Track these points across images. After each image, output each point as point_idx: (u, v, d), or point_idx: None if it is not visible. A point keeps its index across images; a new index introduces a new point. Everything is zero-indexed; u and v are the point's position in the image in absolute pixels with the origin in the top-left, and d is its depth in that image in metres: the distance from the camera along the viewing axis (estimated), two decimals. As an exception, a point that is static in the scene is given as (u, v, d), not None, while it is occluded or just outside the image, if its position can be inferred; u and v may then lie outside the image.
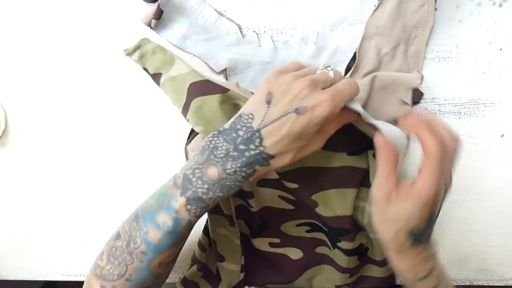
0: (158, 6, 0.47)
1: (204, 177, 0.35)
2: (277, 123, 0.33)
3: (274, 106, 0.34)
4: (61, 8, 0.50)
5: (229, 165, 0.34)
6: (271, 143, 0.34)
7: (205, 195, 0.35)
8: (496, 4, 0.46)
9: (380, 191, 0.35)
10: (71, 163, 0.55)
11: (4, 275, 0.60)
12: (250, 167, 0.34)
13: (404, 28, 0.45)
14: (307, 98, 0.33)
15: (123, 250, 0.39)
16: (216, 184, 0.35)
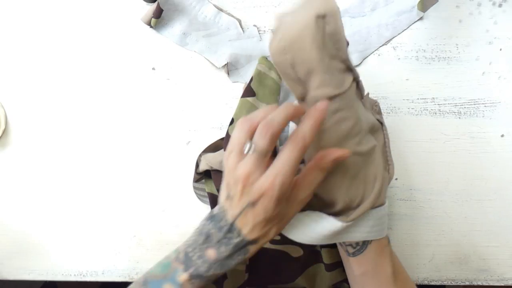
0: (158, 5, 0.47)
1: (204, 257, 0.38)
2: (242, 216, 0.36)
3: (232, 200, 0.37)
4: (61, 8, 0.50)
5: (223, 249, 0.37)
6: (247, 232, 0.37)
7: (206, 273, 0.38)
8: (496, 4, 0.46)
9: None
10: (71, 163, 0.55)
11: (4, 275, 0.60)
12: (242, 249, 0.38)
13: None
14: (252, 192, 0.35)
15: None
16: (215, 263, 0.38)
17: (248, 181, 0.35)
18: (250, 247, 0.38)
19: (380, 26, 0.48)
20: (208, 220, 0.39)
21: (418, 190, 0.52)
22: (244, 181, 0.36)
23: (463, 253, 0.53)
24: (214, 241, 0.38)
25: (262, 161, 0.35)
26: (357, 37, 0.48)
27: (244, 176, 0.35)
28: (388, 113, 0.50)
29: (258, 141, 0.35)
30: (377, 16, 0.48)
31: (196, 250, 0.39)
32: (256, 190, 0.35)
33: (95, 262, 0.58)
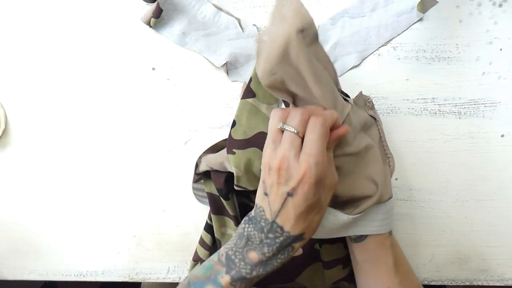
0: (158, 4, 0.47)
1: (246, 259, 0.37)
2: (284, 211, 0.35)
3: (270, 196, 0.36)
4: (60, 8, 0.50)
5: (266, 249, 0.36)
6: (291, 227, 0.35)
7: (249, 275, 0.37)
8: (496, 4, 0.46)
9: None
10: (71, 163, 0.55)
11: (4, 275, 0.60)
12: (287, 248, 0.36)
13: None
14: (290, 180, 0.34)
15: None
16: (258, 265, 0.37)
17: (283, 167, 0.34)
18: (295, 244, 0.37)
19: (380, 27, 0.48)
20: (246, 224, 0.38)
21: (418, 190, 0.52)
22: (279, 168, 0.35)
23: (463, 253, 0.53)
24: (256, 243, 0.37)
25: (295, 143, 0.35)
26: (357, 37, 0.48)
27: (279, 162, 0.34)
28: (388, 113, 0.50)
29: (290, 121, 0.35)
30: (377, 16, 0.48)
31: (237, 253, 0.38)
32: (294, 176, 0.34)
33: (95, 262, 0.58)
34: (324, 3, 0.48)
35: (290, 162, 0.34)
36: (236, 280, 0.38)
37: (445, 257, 0.54)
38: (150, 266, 0.56)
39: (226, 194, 0.46)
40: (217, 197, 0.47)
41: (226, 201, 0.46)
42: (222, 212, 0.48)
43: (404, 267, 0.43)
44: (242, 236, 0.38)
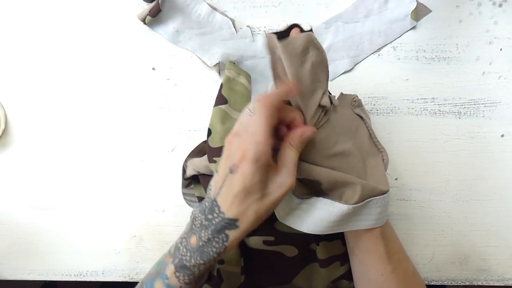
0: (157, 4, 0.47)
1: (188, 245, 0.37)
2: (224, 189, 0.35)
3: (218, 173, 0.36)
4: (59, 9, 0.50)
5: (203, 233, 0.36)
6: (226, 208, 0.35)
7: (188, 263, 0.37)
8: (496, 4, 0.46)
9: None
10: (71, 163, 0.55)
11: (4, 275, 0.60)
12: (221, 233, 0.36)
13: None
14: (233, 156, 0.34)
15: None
16: (196, 251, 0.36)
17: (231, 142, 0.35)
18: (230, 232, 0.36)
19: (373, 33, 0.48)
20: (196, 207, 0.38)
21: (418, 190, 0.52)
22: (228, 143, 0.35)
23: (463, 253, 0.53)
24: (197, 225, 0.37)
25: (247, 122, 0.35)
26: (350, 42, 0.48)
27: (229, 137, 0.35)
28: (388, 113, 0.50)
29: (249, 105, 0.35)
30: (370, 23, 0.48)
31: (183, 240, 0.38)
32: (236, 153, 0.34)
33: (95, 262, 0.58)
34: (324, 10, 0.48)
35: (237, 139, 0.35)
36: (178, 269, 0.37)
37: (445, 257, 0.54)
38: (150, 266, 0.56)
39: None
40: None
41: None
42: None
43: (398, 255, 0.43)
44: (190, 220, 0.38)
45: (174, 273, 0.38)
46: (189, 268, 0.37)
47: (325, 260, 0.48)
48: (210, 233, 0.36)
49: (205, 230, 0.36)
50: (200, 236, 0.36)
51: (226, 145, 0.35)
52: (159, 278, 0.39)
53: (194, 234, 0.37)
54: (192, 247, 0.37)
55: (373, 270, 0.42)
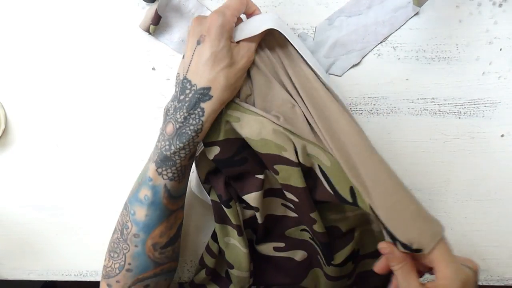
0: (156, 12, 0.47)
1: (165, 136, 0.38)
2: (193, 61, 0.37)
3: (186, 53, 0.38)
4: (61, 10, 0.50)
5: (178, 115, 0.37)
6: (197, 79, 0.37)
7: (168, 151, 0.37)
8: (496, 4, 0.47)
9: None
10: (71, 163, 0.55)
11: (4, 275, 0.60)
12: (196, 107, 0.37)
13: None
14: (200, 27, 0.37)
15: (119, 241, 0.41)
16: (174, 136, 0.37)
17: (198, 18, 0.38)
18: (204, 104, 0.37)
19: (377, 24, 0.48)
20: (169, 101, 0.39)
21: (418, 190, 0.52)
22: (195, 19, 0.38)
23: (463, 253, 0.53)
24: (171, 112, 0.38)
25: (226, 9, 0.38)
26: (355, 36, 0.48)
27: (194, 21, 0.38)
28: (388, 113, 0.50)
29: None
30: (373, 13, 0.48)
31: (160, 136, 0.39)
32: (203, 24, 0.37)
33: (95, 262, 0.58)
34: (324, 10, 0.48)
35: (204, 17, 0.37)
36: (160, 164, 0.38)
37: (445, 257, 0.54)
38: (150, 266, 0.56)
39: (227, 201, 0.45)
40: (220, 205, 0.46)
41: (227, 209, 0.45)
42: (225, 221, 0.47)
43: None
44: (163, 115, 0.39)
45: (156, 170, 0.38)
46: (170, 158, 0.38)
47: (333, 277, 0.48)
48: (186, 111, 0.37)
49: (180, 110, 0.37)
50: (176, 119, 0.37)
51: (193, 23, 0.38)
52: (142, 185, 0.39)
53: (170, 122, 0.38)
54: (169, 135, 0.38)
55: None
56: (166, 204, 0.39)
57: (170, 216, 0.40)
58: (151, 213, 0.39)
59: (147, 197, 0.38)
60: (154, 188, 0.38)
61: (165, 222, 0.40)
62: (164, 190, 0.38)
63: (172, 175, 0.38)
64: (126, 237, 0.40)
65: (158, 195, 0.38)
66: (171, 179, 0.38)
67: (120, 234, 0.41)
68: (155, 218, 0.39)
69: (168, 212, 0.40)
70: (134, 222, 0.39)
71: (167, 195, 0.39)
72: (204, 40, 0.36)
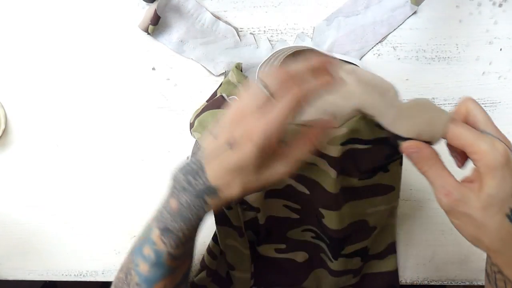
0: (155, 12, 0.47)
1: (169, 208, 0.35)
2: (217, 161, 0.33)
3: (215, 139, 0.33)
4: (61, 10, 0.50)
5: (183, 197, 0.34)
6: (211, 175, 0.33)
7: (171, 226, 0.35)
8: (496, 4, 0.46)
9: (451, 200, 0.32)
10: (71, 163, 0.55)
11: (4, 275, 0.60)
12: (200, 198, 0.34)
13: None
14: (237, 130, 0.32)
15: (123, 282, 0.40)
16: (177, 215, 0.35)
17: (240, 115, 0.32)
18: (209, 199, 0.34)
19: (375, 23, 0.48)
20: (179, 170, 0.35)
21: (418, 190, 0.52)
22: (235, 115, 0.32)
23: (463, 253, 0.53)
24: (178, 187, 0.35)
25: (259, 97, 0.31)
26: (353, 36, 0.48)
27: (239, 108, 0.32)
28: (388, 113, 0.50)
29: (267, 79, 0.32)
30: (371, 13, 0.48)
31: (165, 203, 0.36)
32: (241, 128, 0.31)
33: (95, 262, 0.58)
34: (324, 10, 0.48)
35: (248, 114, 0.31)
36: (163, 233, 0.36)
37: (445, 257, 0.54)
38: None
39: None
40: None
41: (228, 211, 0.45)
42: (226, 222, 0.47)
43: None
44: (171, 182, 0.36)
45: (159, 237, 0.36)
46: (172, 231, 0.35)
47: (338, 271, 0.48)
48: (189, 197, 0.34)
49: (184, 192, 0.34)
50: (180, 200, 0.34)
51: (229, 114, 0.32)
52: (147, 243, 0.37)
53: (174, 198, 0.35)
54: (173, 211, 0.35)
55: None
56: (170, 264, 0.38)
57: (175, 271, 0.39)
58: (154, 271, 0.37)
59: (151, 257, 0.37)
60: (157, 252, 0.37)
61: (169, 277, 0.39)
62: (167, 255, 0.37)
63: (176, 245, 0.36)
64: (129, 282, 0.39)
65: (161, 258, 0.37)
66: (174, 248, 0.36)
67: (125, 277, 0.40)
68: (158, 274, 0.38)
69: (172, 269, 0.38)
70: (137, 272, 0.38)
71: (170, 258, 0.37)
72: (236, 149, 0.32)
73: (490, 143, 0.31)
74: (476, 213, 0.31)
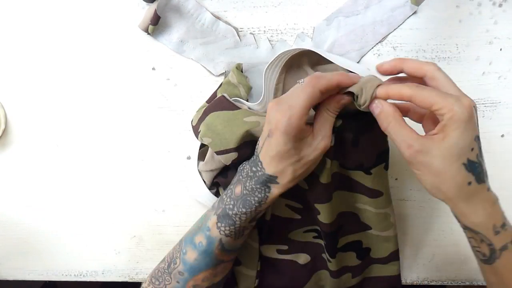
0: (155, 11, 0.47)
1: (233, 194, 0.39)
2: (264, 148, 0.38)
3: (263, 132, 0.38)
4: (61, 10, 0.50)
5: (248, 183, 0.39)
6: (266, 165, 0.38)
7: (230, 211, 0.39)
8: (496, 4, 0.47)
9: (412, 152, 0.34)
10: (71, 163, 0.55)
11: (4, 275, 0.60)
12: (263, 185, 0.38)
13: None
14: (271, 121, 0.36)
15: (164, 271, 0.42)
16: (239, 200, 0.39)
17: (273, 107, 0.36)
18: (272, 185, 0.38)
19: (375, 23, 0.48)
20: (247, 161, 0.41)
21: (418, 190, 0.52)
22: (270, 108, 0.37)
23: (463, 253, 0.53)
24: (244, 175, 0.39)
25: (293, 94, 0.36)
26: (353, 36, 0.48)
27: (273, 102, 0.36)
28: (388, 113, 0.50)
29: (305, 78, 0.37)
30: (371, 13, 0.48)
31: (229, 191, 0.40)
32: (273, 120, 0.36)
33: (95, 262, 0.58)
34: (324, 10, 0.48)
35: (276, 107, 0.36)
36: (221, 219, 0.39)
37: (445, 257, 0.54)
38: (150, 266, 0.56)
39: None
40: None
41: None
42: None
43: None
44: (238, 172, 0.41)
45: (216, 223, 0.39)
46: (231, 217, 0.39)
47: (336, 271, 0.48)
48: (254, 183, 0.38)
49: (250, 180, 0.38)
50: (245, 186, 0.39)
51: (269, 108, 0.37)
52: (200, 231, 0.41)
53: (240, 184, 0.39)
54: (236, 196, 0.39)
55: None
56: (217, 255, 0.41)
57: (218, 266, 0.42)
58: (201, 259, 0.40)
59: (201, 244, 0.40)
60: (210, 238, 0.40)
61: (212, 269, 0.41)
62: (219, 243, 0.40)
63: (230, 232, 0.40)
64: (171, 271, 0.42)
65: (212, 246, 0.40)
66: (227, 236, 0.40)
67: (167, 266, 0.42)
68: (203, 264, 0.41)
69: (217, 261, 0.41)
70: (183, 260, 0.41)
71: (220, 247, 0.40)
72: (272, 137, 0.36)
73: (456, 98, 0.33)
74: (436, 162, 0.33)
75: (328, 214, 0.44)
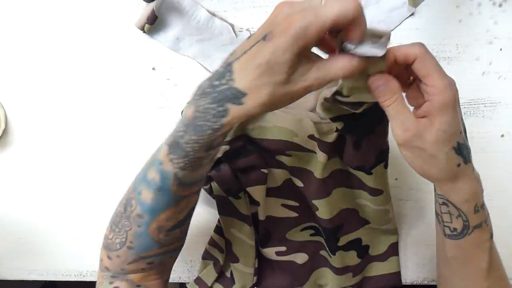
0: (153, 11, 0.47)
1: (184, 119, 0.33)
2: (247, 54, 0.30)
3: (251, 37, 0.30)
4: (61, 10, 0.50)
5: (201, 102, 0.31)
6: (240, 77, 0.30)
7: (181, 139, 0.32)
8: (496, 4, 0.46)
9: (409, 135, 0.32)
10: (71, 163, 0.54)
11: (4, 275, 0.60)
12: (221, 104, 0.31)
13: None
14: (276, 23, 0.29)
15: (121, 216, 0.38)
16: (190, 125, 0.32)
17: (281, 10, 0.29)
18: (232, 106, 0.31)
19: (372, 24, 0.48)
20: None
21: (418, 190, 0.52)
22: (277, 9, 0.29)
23: (463, 253, 0.53)
24: (198, 93, 0.32)
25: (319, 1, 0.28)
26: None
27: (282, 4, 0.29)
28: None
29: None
30: (369, 13, 0.48)
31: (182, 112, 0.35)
32: (281, 21, 0.28)
33: (95, 262, 0.58)
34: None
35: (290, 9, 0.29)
36: (172, 149, 0.33)
37: (445, 257, 0.54)
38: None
39: (237, 192, 0.46)
40: (226, 199, 0.47)
41: (237, 200, 0.46)
42: (230, 213, 0.48)
43: (497, 272, 0.40)
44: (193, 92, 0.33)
45: (167, 155, 0.33)
46: (182, 146, 0.33)
47: (339, 268, 0.48)
48: (210, 101, 0.31)
49: (205, 98, 0.31)
50: (198, 106, 0.31)
51: (274, 10, 0.29)
52: (152, 165, 0.35)
53: (192, 105, 0.32)
54: (188, 121, 0.32)
55: (467, 283, 0.39)
56: (176, 191, 0.35)
57: (181, 202, 0.36)
58: (158, 198, 0.35)
59: (155, 181, 0.35)
60: (163, 173, 0.34)
61: (174, 207, 0.36)
62: (174, 178, 0.34)
63: (184, 165, 0.33)
64: (129, 215, 0.37)
65: (167, 182, 0.34)
66: (182, 169, 0.34)
67: (123, 209, 0.37)
68: (162, 203, 0.35)
69: (178, 197, 0.36)
70: (139, 202, 0.36)
71: (177, 183, 0.34)
72: (271, 40, 0.29)
73: (449, 81, 0.32)
74: (429, 147, 0.33)
75: (327, 210, 0.44)
